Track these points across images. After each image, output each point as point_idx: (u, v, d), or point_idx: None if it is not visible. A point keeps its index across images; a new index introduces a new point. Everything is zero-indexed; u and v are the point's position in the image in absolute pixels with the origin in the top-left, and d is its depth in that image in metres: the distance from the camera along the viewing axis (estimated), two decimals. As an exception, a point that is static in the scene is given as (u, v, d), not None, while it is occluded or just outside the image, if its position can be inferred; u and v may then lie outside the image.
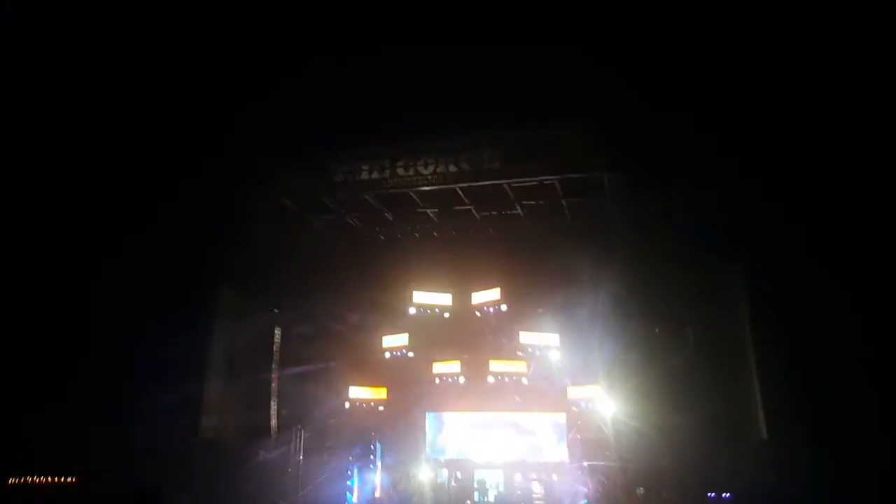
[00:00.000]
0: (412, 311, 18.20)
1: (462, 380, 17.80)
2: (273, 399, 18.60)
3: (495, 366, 17.57)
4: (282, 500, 17.40)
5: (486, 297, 17.83)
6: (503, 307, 17.63)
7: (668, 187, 15.37)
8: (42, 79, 14.37)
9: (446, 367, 17.90)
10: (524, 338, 17.51)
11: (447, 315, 18.23)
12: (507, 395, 17.69)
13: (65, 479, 16.10)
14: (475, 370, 17.73)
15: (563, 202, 16.90)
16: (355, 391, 18.15)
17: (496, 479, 17.66)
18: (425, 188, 16.71)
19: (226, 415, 17.68)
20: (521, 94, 14.49)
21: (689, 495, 15.36)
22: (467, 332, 18.10)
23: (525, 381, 17.56)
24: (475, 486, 17.64)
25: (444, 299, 18.29)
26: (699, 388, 15.57)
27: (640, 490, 16.02)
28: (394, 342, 18.26)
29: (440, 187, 16.62)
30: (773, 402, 14.82)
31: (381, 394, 18.25)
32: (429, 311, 18.21)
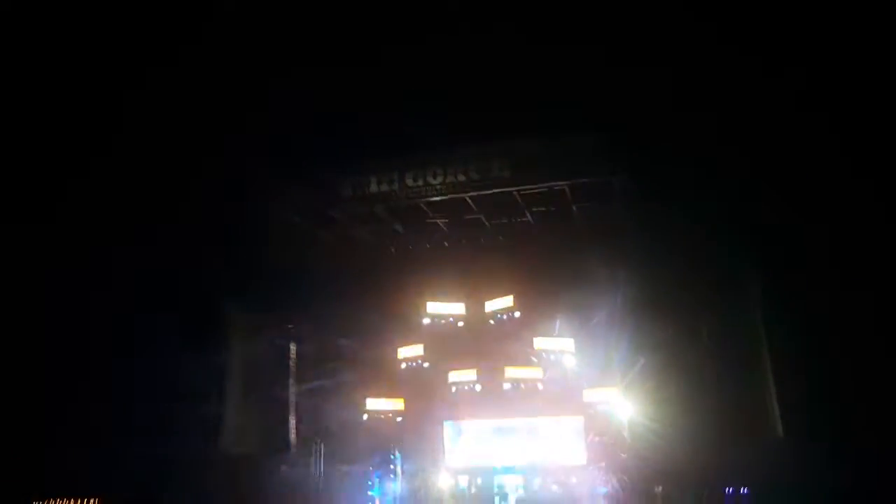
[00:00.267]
0: (426, 321, 18.28)
1: (478, 387, 17.87)
2: (292, 414, 18.65)
3: (511, 372, 17.65)
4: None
5: (500, 304, 17.90)
6: (517, 314, 17.71)
7: (677, 191, 15.43)
8: (44, 83, 14.38)
9: (462, 376, 17.98)
10: (539, 343, 17.59)
11: (461, 324, 18.32)
12: (523, 401, 17.75)
13: (87, 500, 16.12)
14: (491, 378, 17.81)
15: (574, 208, 17.02)
16: (373, 403, 18.23)
17: (515, 483, 17.84)
18: (435, 198, 16.85)
19: (245, 431, 17.76)
20: (528, 100, 14.56)
21: (707, 493, 15.53)
22: (482, 341, 18.17)
23: (540, 386, 17.64)
24: (495, 490, 17.81)
25: (457, 308, 18.36)
26: (714, 387, 15.67)
27: (659, 489, 16.17)
28: (409, 353, 18.34)
29: (450, 197, 16.76)
30: (788, 399, 14.90)
31: (398, 405, 18.33)
32: (443, 321, 18.30)
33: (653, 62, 13.40)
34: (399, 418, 18.32)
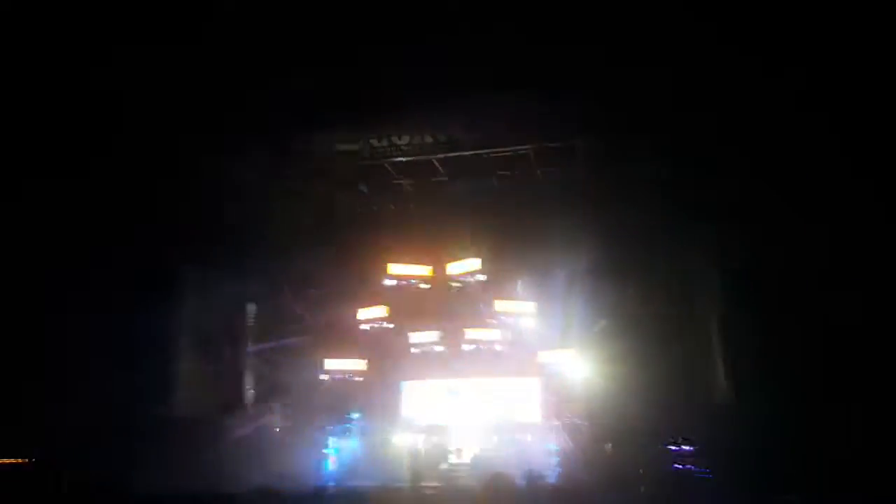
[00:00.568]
0: (390, 282, 18.25)
1: (439, 349, 18.07)
2: (248, 373, 18.42)
3: (471, 333, 17.85)
4: (259, 472, 17.45)
5: (464, 267, 18.00)
6: (481, 277, 17.86)
7: (638, 154, 15.69)
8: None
9: (423, 337, 18.11)
10: (499, 306, 17.80)
11: (425, 286, 18.36)
12: (483, 362, 18.02)
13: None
14: (453, 339, 18.00)
15: (538, 172, 17.15)
16: (331, 363, 18.20)
17: (472, 441, 18.26)
18: (400, 159, 16.65)
19: (200, 392, 17.42)
20: (492, 62, 14.42)
21: (654, 449, 16.24)
22: (445, 303, 18.29)
23: (499, 347, 17.94)
24: (450, 449, 18.18)
25: (422, 270, 18.38)
26: (666, 350, 16.24)
27: (608, 446, 16.80)
28: (371, 314, 18.33)
29: (415, 158, 16.59)
30: (738, 365, 15.68)
31: (358, 365, 18.35)
32: (407, 283, 18.30)
33: (653, 62, 13.42)
34: (358, 378, 18.35)
